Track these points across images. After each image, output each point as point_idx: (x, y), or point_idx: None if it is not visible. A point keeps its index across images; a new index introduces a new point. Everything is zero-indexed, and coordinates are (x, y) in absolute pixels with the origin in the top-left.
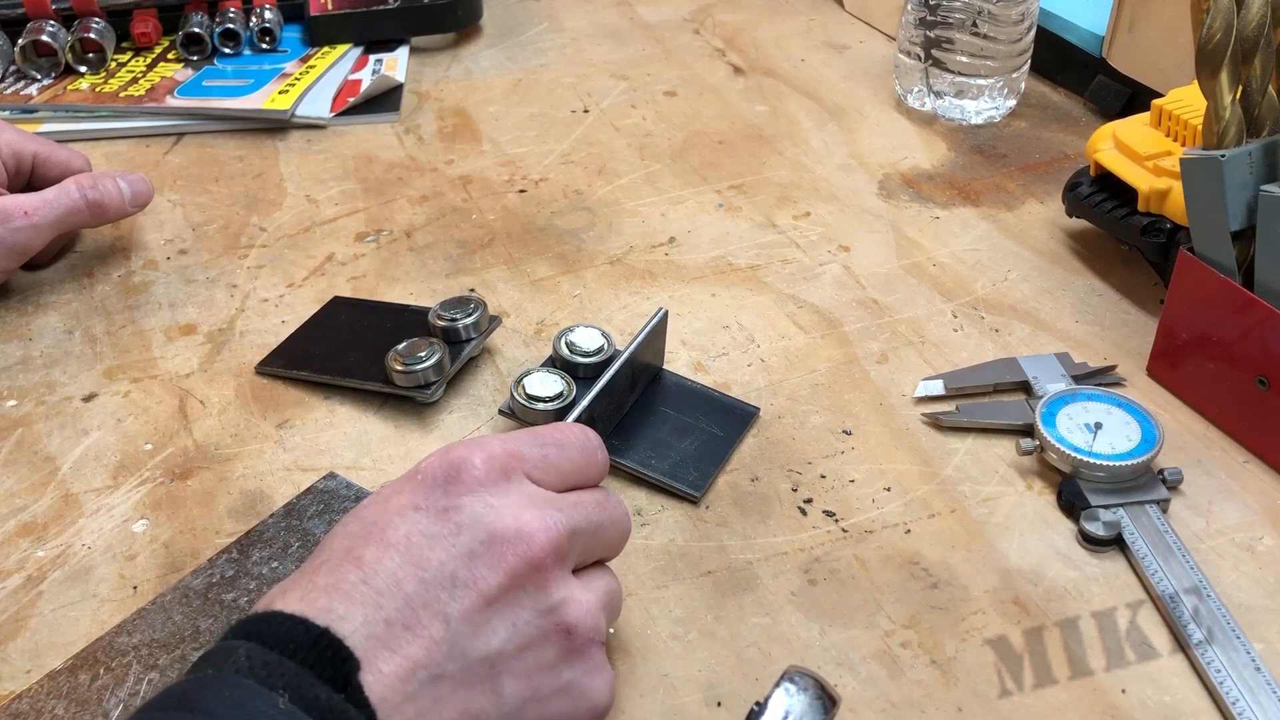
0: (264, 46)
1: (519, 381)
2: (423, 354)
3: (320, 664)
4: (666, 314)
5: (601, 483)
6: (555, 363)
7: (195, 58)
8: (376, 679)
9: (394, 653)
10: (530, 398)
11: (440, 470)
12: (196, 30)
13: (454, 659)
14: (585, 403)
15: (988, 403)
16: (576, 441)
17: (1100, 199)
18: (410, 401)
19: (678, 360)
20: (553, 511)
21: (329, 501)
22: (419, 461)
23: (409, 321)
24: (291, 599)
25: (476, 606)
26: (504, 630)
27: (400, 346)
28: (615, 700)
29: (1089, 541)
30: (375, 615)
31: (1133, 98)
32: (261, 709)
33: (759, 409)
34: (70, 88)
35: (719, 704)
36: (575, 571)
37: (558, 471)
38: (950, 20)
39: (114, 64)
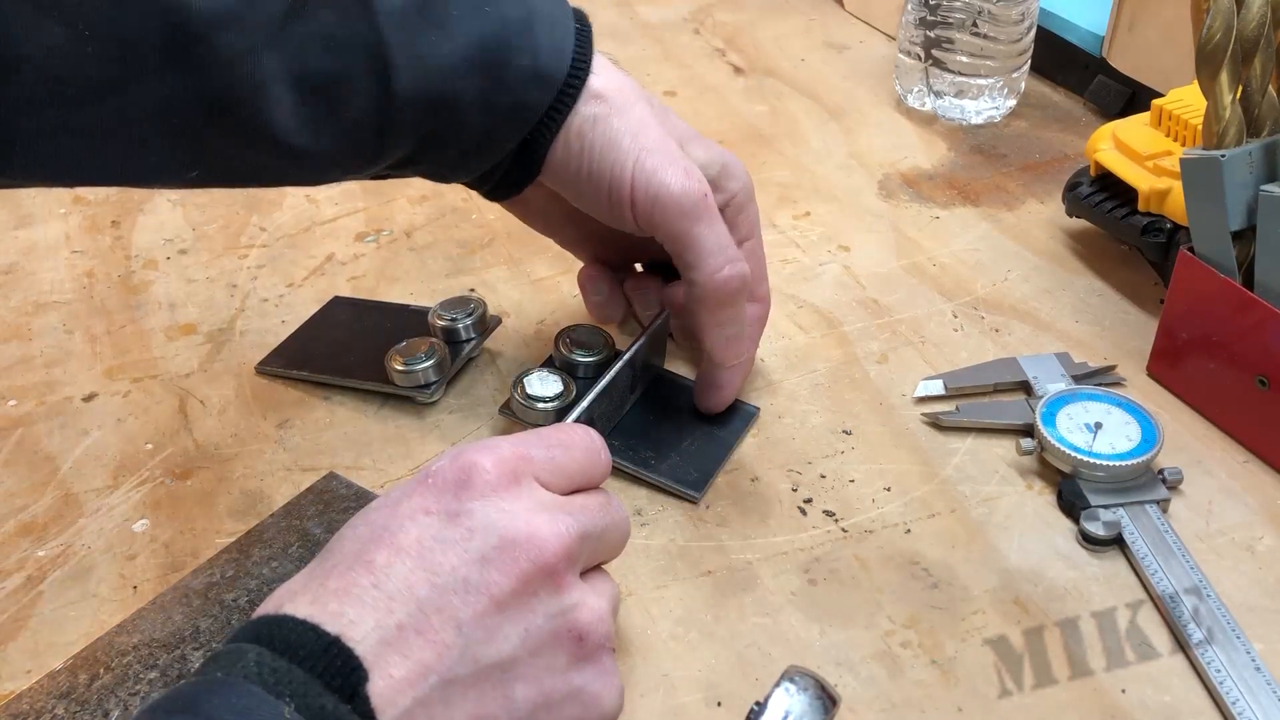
0: None
1: (519, 381)
2: (423, 354)
3: (329, 673)
4: (669, 315)
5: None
6: (555, 363)
7: None
8: (387, 684)
9: (405, 657)
10: (530, 398)
11: (451, 474)
12: None
13: (465, 664)
14: (585, 403)
15: (988, 403)
16: (581, 443)
17: (1100, 199)
18: (410, 401)
19: (678, 360)
20: (563, 516)
21: (329, 502)
22: (428, 464)
23: (409, 321)
24: (301, 603)
25: (488, 611)
26: (516, 635)
27: (400, 346)
28: None
29: (1089, 541)
30: (387, 620)
31: (1133, 98)
32: (267, 718)
33: (759, 409)
34: None
35: (719, 704)
36: (581, 576)
37: (564, 474)
38: (950, 20)
39: None
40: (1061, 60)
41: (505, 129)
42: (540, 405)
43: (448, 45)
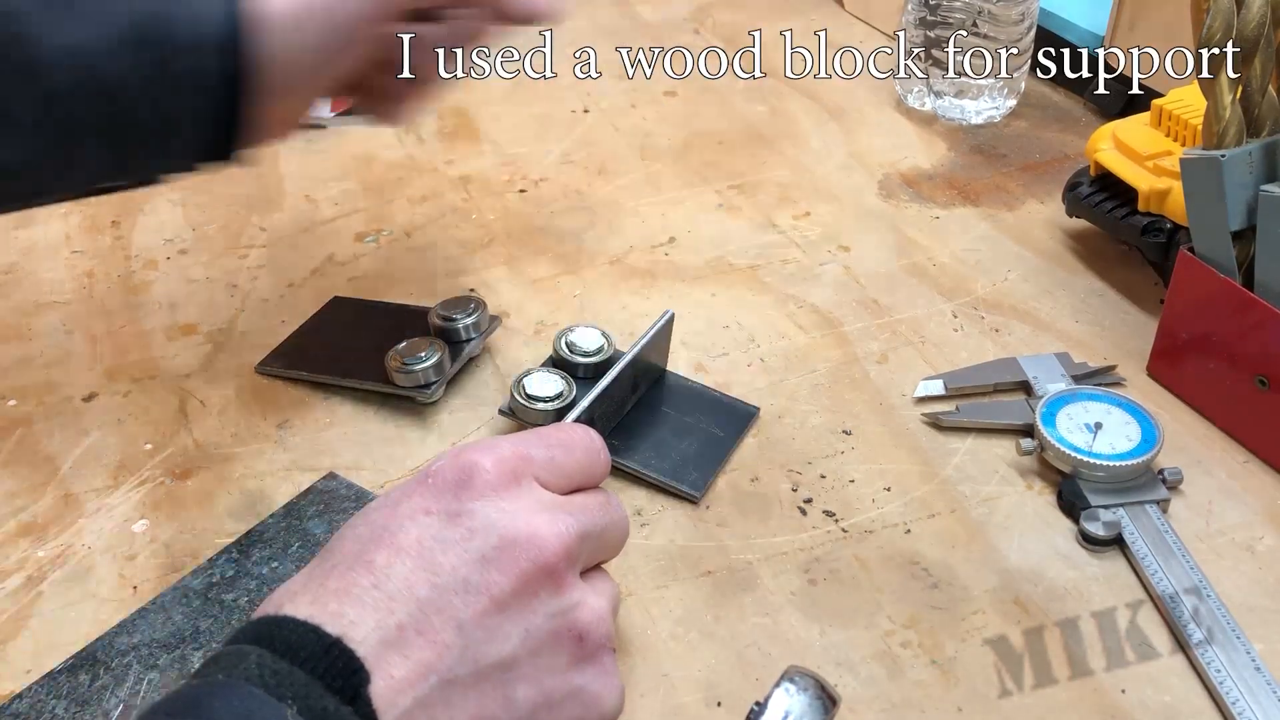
0: None
1: (519, 381)
2: (423, 354)
3: (330, 674)
4: (673, 316)
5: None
6: (555, 363)
7: None
8: (388, 684)
9: (406, 658)
10: (530, 398)
11: (451, 474)
12: None
13: (466, 664)
14: (586, 403)
15: (988, 403)
16: (581, 443)
17: (1100, 199)
18: (410, 401)
19: (678, 360)
20: (564, 516)
21: (329, 502)
22: (428, 464)
23: (409, 321)
24: (302, 603)
25: (489, 611)
26: (516, 635)
27: (400, 346)
28: None
29: (1089, 541)
30: (387, 620)
31: (1133, 98)
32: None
33: (759, 409)
34: None
35: (719, 704)
36: (581, 575)
37: (564, 473)
38: (950, 20)
39: None
40: (1061, 60)
41: (192, 100)
42: (540, 405)
43: (92, 30)
